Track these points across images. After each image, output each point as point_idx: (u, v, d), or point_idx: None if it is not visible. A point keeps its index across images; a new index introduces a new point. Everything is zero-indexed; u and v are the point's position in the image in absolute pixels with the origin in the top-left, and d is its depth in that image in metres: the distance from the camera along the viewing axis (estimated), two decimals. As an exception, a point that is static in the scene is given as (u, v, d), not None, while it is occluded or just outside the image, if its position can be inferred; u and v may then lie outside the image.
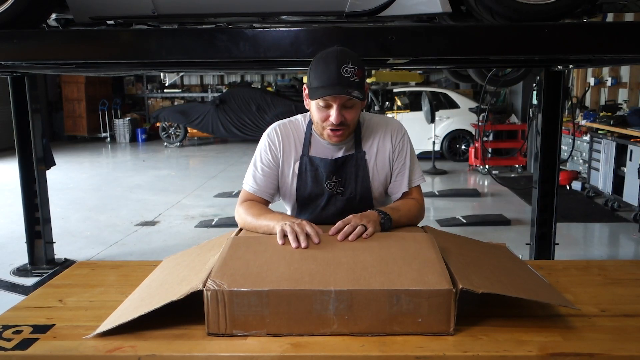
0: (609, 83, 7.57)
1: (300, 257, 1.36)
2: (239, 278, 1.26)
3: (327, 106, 1.62)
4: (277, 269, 1.30)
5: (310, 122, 1.79)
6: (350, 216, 1.58)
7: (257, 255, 1.39)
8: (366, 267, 1.30)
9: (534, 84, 5.63)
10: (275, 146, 1.78)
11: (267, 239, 1.53)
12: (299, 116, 1.83)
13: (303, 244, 1.43)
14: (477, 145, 8.48)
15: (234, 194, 6.86)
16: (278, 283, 1.24)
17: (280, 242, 1.46)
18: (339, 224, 1.54)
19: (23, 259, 4.29)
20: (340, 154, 1.76)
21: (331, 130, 1.65)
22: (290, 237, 1.46)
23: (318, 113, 1.65)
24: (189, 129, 12.05)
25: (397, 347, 1.17)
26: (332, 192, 1.75)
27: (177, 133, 12.08)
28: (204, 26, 2.93)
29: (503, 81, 5.36)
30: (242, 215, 1.72)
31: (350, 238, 1.49)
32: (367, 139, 1.78)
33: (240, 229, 1.70)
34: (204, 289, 1.22)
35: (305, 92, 1.71)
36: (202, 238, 4.72)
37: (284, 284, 1.23)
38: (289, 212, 1.88)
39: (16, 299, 3.52)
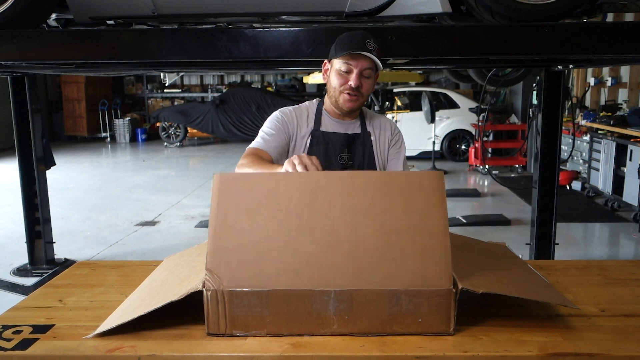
0: (609, 83, 7.57)
1: (297, 228, 1.27)
2: (236, 269, 1.23)
3: (348, 71, 1.76)
4: (274, 250, 1.24)
5: (320, 104, 1.90)
6: None
7: (250, 219, 1.28)
8: (367, 250, 1.24)
9: (534, 84, 5.62)
10: (288, 117, 1.86)
11: (258, 182, 1.35)
12: (306, 102, 1.95)
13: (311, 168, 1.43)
14: (477, 145, 8.48)
15: (234, 194, 6.85)
16: (277, 278, 1.22)
17: (289, 169, 1.44)
18: None
19: (23, 259, 4.29)
20: (349, 132, 1.88)
21: (348, 94, 1.78)
22: (299, 167, 1.43)
23: (338, 79, 1.78)
24: (189, 129, 12.04)
25: (397, 347, 1.18)
26: (344, 165, 1.85)
27: (177, 133, 12.07)
28: (204, 26, 2.93)
29: (503, 81, 5.36)
30: (245, 168, 1.65)
31: None
32: (369, 125, 1.94)
33: None
34: (204, 289, 1.22)
35: (325, 67, 1.85)
36: (202, 238, 4.71)
37: (283, 280, 1.22)
38: None
39: (16, 299, 3.52)
